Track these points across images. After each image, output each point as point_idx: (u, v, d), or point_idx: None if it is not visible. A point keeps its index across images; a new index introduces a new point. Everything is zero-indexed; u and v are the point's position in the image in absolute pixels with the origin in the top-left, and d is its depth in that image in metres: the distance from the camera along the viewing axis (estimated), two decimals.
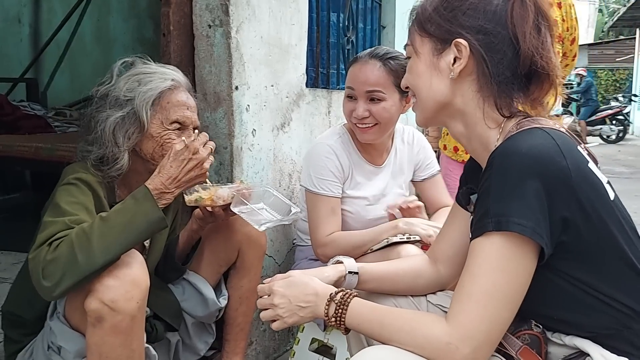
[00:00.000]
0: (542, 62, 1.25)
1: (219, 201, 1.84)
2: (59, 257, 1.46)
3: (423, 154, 2.48)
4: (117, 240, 1.50)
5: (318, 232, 2.22)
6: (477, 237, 1.19)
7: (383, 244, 2.11)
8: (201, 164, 1.69)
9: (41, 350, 1.69)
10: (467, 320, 1.16)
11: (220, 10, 2.21)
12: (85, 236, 1.48)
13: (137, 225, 1.55)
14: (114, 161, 1.73)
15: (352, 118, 2.23)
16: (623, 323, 1.21)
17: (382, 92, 2.17)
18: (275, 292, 1.41)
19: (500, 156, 1.18)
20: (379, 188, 2.37)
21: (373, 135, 2.24)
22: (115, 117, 1.73)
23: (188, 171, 1.68)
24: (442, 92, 1.32)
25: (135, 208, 1.58)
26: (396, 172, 2.43)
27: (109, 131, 1.73)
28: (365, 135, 2.24)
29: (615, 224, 1.21)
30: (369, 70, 2.18)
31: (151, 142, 1.77)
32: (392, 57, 2.20)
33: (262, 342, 2.57)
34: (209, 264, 2.08)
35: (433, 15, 1.32)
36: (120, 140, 1.73)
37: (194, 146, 1.69)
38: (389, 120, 2.22)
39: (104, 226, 1.51)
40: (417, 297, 1.57)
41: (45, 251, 1.47)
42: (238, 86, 2.26)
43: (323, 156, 2.25)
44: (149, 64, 1.85)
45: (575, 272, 1.20)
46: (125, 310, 1.50)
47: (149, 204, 1.59)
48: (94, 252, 1.46)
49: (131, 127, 1.74)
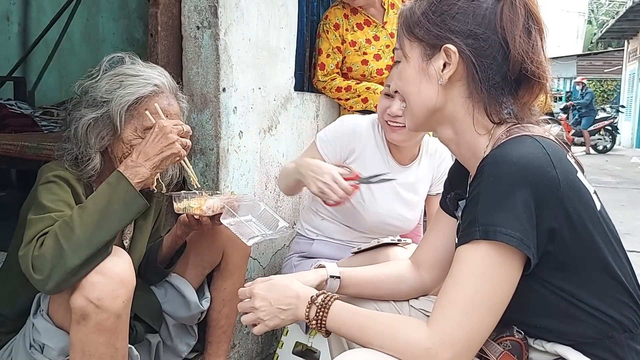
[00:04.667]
0: (532, 66, 1.24)
1: (208, 211, 1.84)
2: (46, 250, 1.46)
3: (444, 168, 2.43)
4: (99, 226, 1.50)
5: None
6: (463, 244, 1.18)
7: (373, 243, 2.09)
8: (172, 144, 1.67)
9: (22, 349, 1.68)
10: (448, 326, 1.16)
11: (209, 12, 2.20)
12: (68, 227, 1.49)
13: (115, 207, 1.56)
14: (86, 161, 1.73)
15: (384, 115, 2.22)
16: (605, 332, 1.21)
17: None
18: (255, 295, 1.40)
19: (490, 164, 1.17)
20: (394, 190, 2.34)
21: (402, 136, 2.22)
22: (89, 117, 1.72)
23: (159, 149, 1.66)
24: (431, 98, 1.31)
25: (110, 191, 1.58)
26: (417, 181, 2.40)
27: (82, 131, 1.72)
28: (394, 135, 2.23)
29: (600, 235, 1.21)
30: None
31: (122, 147, 1.76)
32: None
33: (245, 345, 2.55)
34: (193, 266, 2.07)
35: (421, 19, 1.30)
36: (92, 141, 1.73)
37: (163, 124, 1.68)
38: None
39: (84, 214, 1.52)
40: (399, 302, 1.57)
41: (33, 246, 1.47)
42: (225, 88, 2.26)
43: (351, 129, 2.29)
44: (137, 63, 1.83)
45: (559, 282, 1.20)
46: (111, 308, 1.50)
47: (123, 185, 1.59)
48: (79, 241, 1.46)
49: (104, 130, 1.73)
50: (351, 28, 3.10)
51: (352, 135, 2.28)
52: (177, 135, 1.69)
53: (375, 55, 3.09)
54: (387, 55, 3.12)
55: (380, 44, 3.12)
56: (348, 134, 2.29)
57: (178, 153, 1.69)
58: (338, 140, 2.28)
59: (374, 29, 3.13)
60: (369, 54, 3.08)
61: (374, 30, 3.13)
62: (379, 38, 3.12)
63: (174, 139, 1.68)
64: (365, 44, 3.10)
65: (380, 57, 3.10)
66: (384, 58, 3.11)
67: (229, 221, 1.84)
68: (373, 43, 3.11)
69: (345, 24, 3.10)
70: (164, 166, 1.71)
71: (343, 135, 2.28)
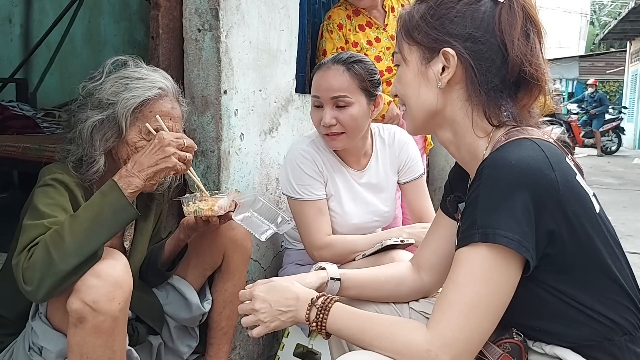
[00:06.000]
0: (530, 69, 1.24)
1: (220, 211, 1.84)
2: (36, 261, 1.47)
3: (405, 155, 2.39)
4: (88, 235, 1.50)
5: (311, 236, 2.18)
6: (462, 246, 1.19)
7: (377, 247, 2.07)
8: (167, 157, 1.66)
9: (22, 351, 1.68)
10: (447, 328, 1.16)
11: (210, 15, 2.21)
12: (59, 236, 1.49)
13: (104, 217, 1.55)
14: (90, 163, 1.73)
15: (320, 127, 2.18)
16: (604, 335, 1.22)
17: (347, 97, 2.12)
18: (256, 297, 1.41)
19: (490, 167, 1.18)
20: (361, 193, 2.32)
21: (341, 142, 2.19)
22: (95, 119, 1.72)
23: (154, 161, 1.65)
24: (430, 102, 1.31)
25: (101, 201, 1.58)
26: (380, 176, 2.36)
27: (87, 132, 1.72)
28: (334, 143, 2.20)
29: (600, 237, 1.21)
30: (332, 76, 2.13)
31: (126, 149, 1.76)
32: (356, 60, 2.16)
33: (246, 347, 2.56)
34: (194, 268, 2.07)
35: (420, 23, 1.30)
36: (97, 142, 1.73)
37: (162, 137, 1.68)
38: (355, 128, 2.16)
39: (75, 223, 1.52)
40: (399, 304, 1.57)
41: (24, 257, 1.48)
42: (226, 90, 2.26)
43: (298, 161, 2.21)
44: (141, 67, 1.84)
45: (558, 284, 1.20)
46: (107, 310, 1.50)
47: (114, 194, 1.59)
48: (68, 250, 1.47)
49: (109, 132, 1.74)
50: (353, 29, 3.11)
51: (308, 164, 2.22)
52: (176, 149, 1.68)
53: (376, 57, 3.10)
54: (387, 57, 3.12)
55: (381, 45, 3.12)
56: (306, 165, 2.21)
57: (173, 167, 1.68)
58: (308, 177, 2.21)
59: (375, 30, 3.14)
60: (370, 55, 3.08)
61: (375, 32, 3.13)
62: (380, 40, 3.13)
63: (170, 152, 1.66)
64: (367, 46, 3.10)
65: (380, 59, 3.11)
66: (384, 60, 3.11)
67: (240, 218, 1.85)
68: (374, 45, 3.12)
69: (349, 24, 3.11)
70: (159, 178, 1.70)
71: (303, 171, 2.20)
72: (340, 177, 2.29)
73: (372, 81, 2.18)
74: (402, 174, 2.41)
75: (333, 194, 2.27)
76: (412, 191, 2.43)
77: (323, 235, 2.18)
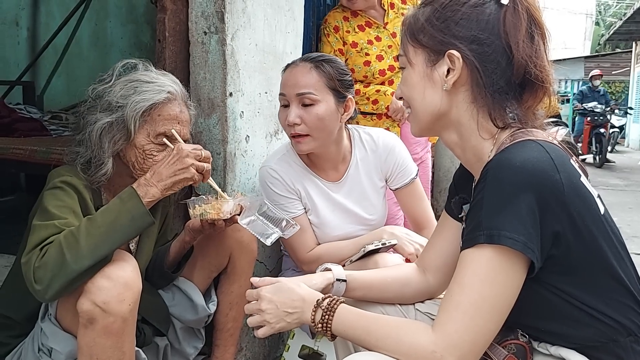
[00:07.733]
0: (535, 70, 1.25)
1: (226, 215, 1.85)
2: (48, 260, 1.48)
3: (392, 160, 2.27)
4: (104, 240, 1.52)
5: (298, 254, 2.18)
6: (468, 248, 1.19)
7: (360, 253, 2.05)
8: (186, 168, 1.69)
9: (31, 353, 1.69)
10: (453, 329, 1.16)
11: (216, 18, 2.21)
12: (74, 237, 1.50)
13: (121, 222, 1.57)
14: (99, 165, 1.74)
15: (286, 127, 2.12)
16: (609, 336, 1.22)
17: (313, 94, 2.05)
18: (262, 297, 1.41)
19: (494, 169, 1.18)
20: (341, 204, 2.25)
21: (307, 145, 2.11)
22: (104, 122, 1.73)
23: (172, 172, 1.68)
24: (435, 104, 1.32)
25: (120, 207, 1.60)
26: (363, 184, 2.27)
27: (96, 135, 1.73)
28: (300, 146, 2.11)
29: (604, 239, 1.21)
30: (298, 73, 2.09)
31: (134, 152, 1.77)
32: (326, 60, 2.11)
33: (252, 348, 2.56)
34: (200, 269, 2.08)
35: (425, 25, 1.31)
36: (105, 145, 1.74)
37: (181, 148, 1.70)
38: (322, 129, 2.08)
39: (91, 227, 1.53)
40: (405, 305, 1.57)
41: (36, 256, 1.49)
42: (232, 93, 2.27)
43: (268, 182, 2.18)
44: (150, 70, 1.85)
45: (563, 285, 1.20)
46: (117, 312, 1.51)
47: (133, 202, 1.61)
48: (82, 252, 1.48)
49: (118, 134, 1.75)
50: (352, 30, 3.10)
51: (278, 184, 2.18)
52: (194, 160, 1.70)
53: (378, 56, 3.09)
54: (389, 56, 3.11)
55: (382, 44, 3.12)
56: (276, 185, 2.18)
57: (191, 178, 1.70)
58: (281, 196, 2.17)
59: (375, 30, 3.13)
60: (371, 54, 3.08)
61: (375, 31, 3.13)
62: (380, 39, 3.12)
63: (189, 163, 1.69)
64: (367, 45, 3.10)
65: (382, 58, 3.10)
66: (386, 58, 3.11)
67: (246, 222, 1.85)
68: (375, 44, 3.11)
69: (346, 26, 3.10)
70: (177, 188, 1.72)
71: (274, 192, 2.18)
72: (315, 189, 2.23)
73: (341, 81, 2.11)
74: (392, 181, 2.31)
75: (310, 208, 2.22)
76: (406, 197, 2.33)
77: (308, 249, 2.18)
